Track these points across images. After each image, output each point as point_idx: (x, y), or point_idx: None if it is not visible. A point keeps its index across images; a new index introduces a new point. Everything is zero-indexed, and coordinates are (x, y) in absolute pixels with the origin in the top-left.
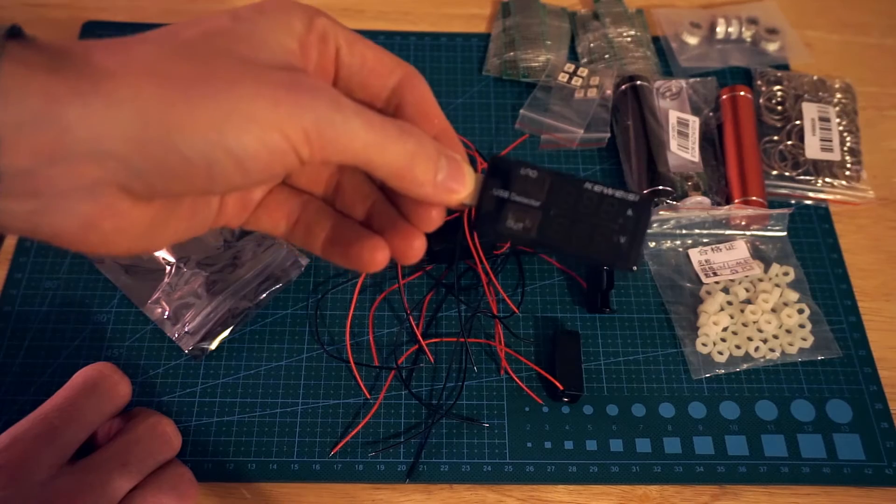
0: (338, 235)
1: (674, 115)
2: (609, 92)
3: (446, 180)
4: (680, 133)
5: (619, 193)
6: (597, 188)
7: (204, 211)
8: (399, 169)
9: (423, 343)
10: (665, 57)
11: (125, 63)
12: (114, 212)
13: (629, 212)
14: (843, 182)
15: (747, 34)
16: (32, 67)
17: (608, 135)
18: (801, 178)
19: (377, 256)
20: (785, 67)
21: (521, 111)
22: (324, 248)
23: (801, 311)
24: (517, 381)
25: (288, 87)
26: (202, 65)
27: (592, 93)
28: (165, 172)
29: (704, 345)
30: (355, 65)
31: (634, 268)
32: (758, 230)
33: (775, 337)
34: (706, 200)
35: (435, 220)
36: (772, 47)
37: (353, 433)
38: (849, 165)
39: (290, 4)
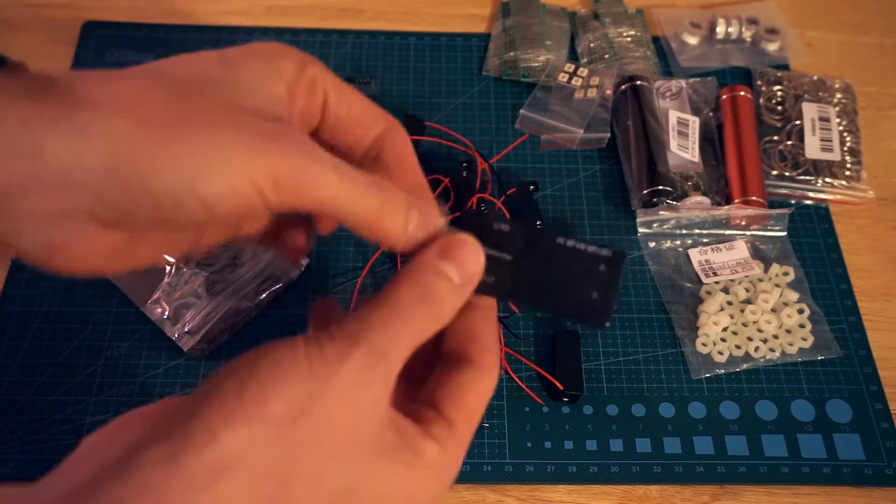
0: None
1: (674, 115)
2: (609, 92)
3: (417, 231)
4: (680, 133)
5: (591, 249)
6: (569, 243)
7: (179, 237)
8: (367, 219)
9: None
10: (665, 57)
11: (106, 96)
12: (82, 238)
13: (601, 267)
14: (843, 182)
15: (747, 34)
16: (11, 95)
17: (608, 135)
18: (801, 178)
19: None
20: (785, 67)
21: (521, 111)
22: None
23: (801, 311)
24: (517, 381)
25: (267, 136)
26: (183, 107)
27: (592, 93)
28: (133, 206)
29: (704, 345)
30: (342, 113)
31: (607, 324)
32: (758, 230)
33: (775, 337)
34: (706, 200)
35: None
36: (772, 47)
37: None
38: (849, 165)
39: (282, 50)
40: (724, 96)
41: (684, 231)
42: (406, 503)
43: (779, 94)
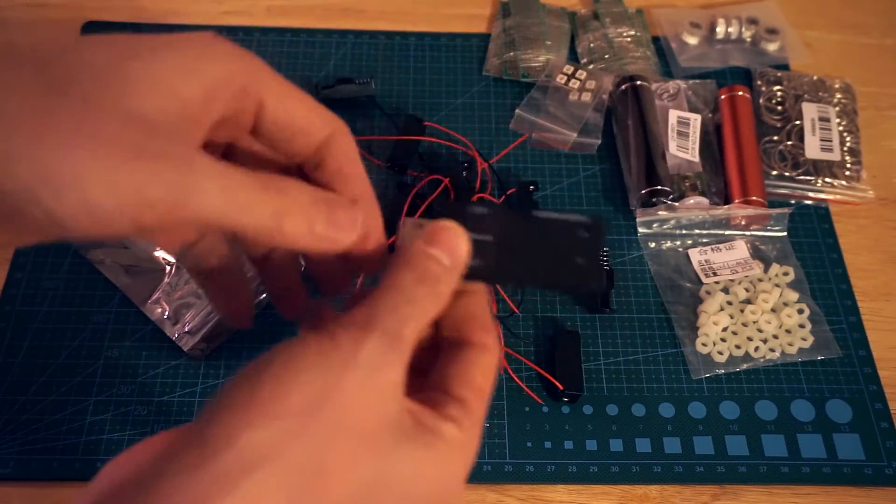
0: (223, 279)
1: (674, 115)
2: (605, 96)
3: (328, 229)
4: (680, 133)
5: (571, 217)
6: (544, 215)
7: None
8: (263, 228)
9: None
10: (665, 57)
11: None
12: None
13: (582, 233)
14: (843, 182)
15: (747, 34)
16: None
17: (599, 141)
18: (801, 178)
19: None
20: (785, 67)
21: (517, 111)
22: (204, 286)
23: (800, 311)
24: (517, 381)
25: (133, 151)
26: (50, 112)
27: (587, 96)
28: None
29: (704, 345)
30: (280, 120)
31: (596, 286)
32: (758, 230)
33: (775, 337)
34: (704, 201)
35: (341, 285)
36: (772, 47)
37: None
38: (849, 165)
39: (209, 51)
40: (722, 96)
41: (684, 231)
42: (433, 485)
43: (779, 94)
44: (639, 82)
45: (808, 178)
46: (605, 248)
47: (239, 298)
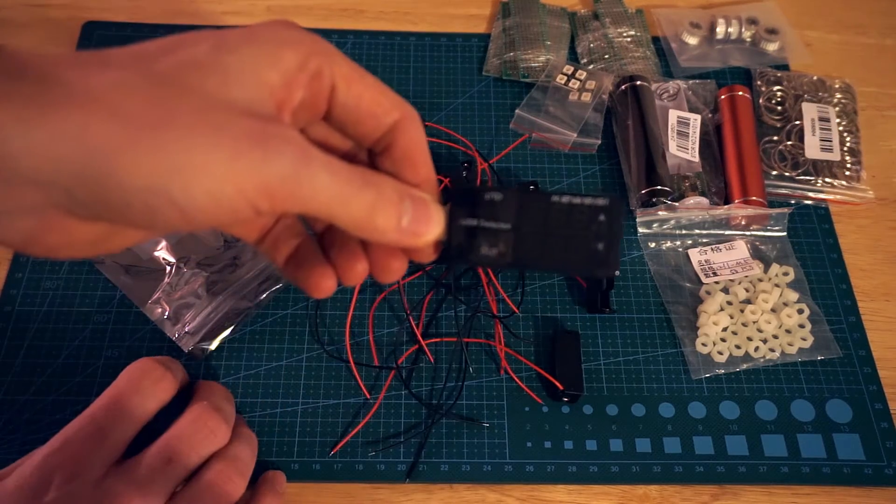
0: (298, 255)
1: (674, 115)
2: (605, 96)
3: (412, 224)
4: (680, 133)
5: (587, 200)
6: (565, 199)
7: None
8: (359, 220)
9: (422, 343)
10: (665, 57)
11: (81, 91)
12: (58, 229)
13: (601, 216)
14: (843, 182)
15: (747, 34)
16: None
17: (599, 141)
18: (801, 178)
19: (322, 283)
20: (785, 68)
21: (517, 111)
22: (284, 265)
23: (800, 312)
24: (517, 380)
25: (252, 138)
26: (164, 104)
27: (587, 97)
28: (107, 207)
29: (704, 345)
30: (351, 103)
31: (617, 272)
32: (757, 230)
33: (775, 337)
34: (704, 201)
35: (396, 271)
36: (771, 47)
37: (353, 433)
38: (848, 165)
39: (285, 38)
40: (722, 96)
41: (684, 231)
42: None
43: (778, 94)
44: (639, 82)
45: (807, 178)
46: (622, 231)
47: (318, 271)
